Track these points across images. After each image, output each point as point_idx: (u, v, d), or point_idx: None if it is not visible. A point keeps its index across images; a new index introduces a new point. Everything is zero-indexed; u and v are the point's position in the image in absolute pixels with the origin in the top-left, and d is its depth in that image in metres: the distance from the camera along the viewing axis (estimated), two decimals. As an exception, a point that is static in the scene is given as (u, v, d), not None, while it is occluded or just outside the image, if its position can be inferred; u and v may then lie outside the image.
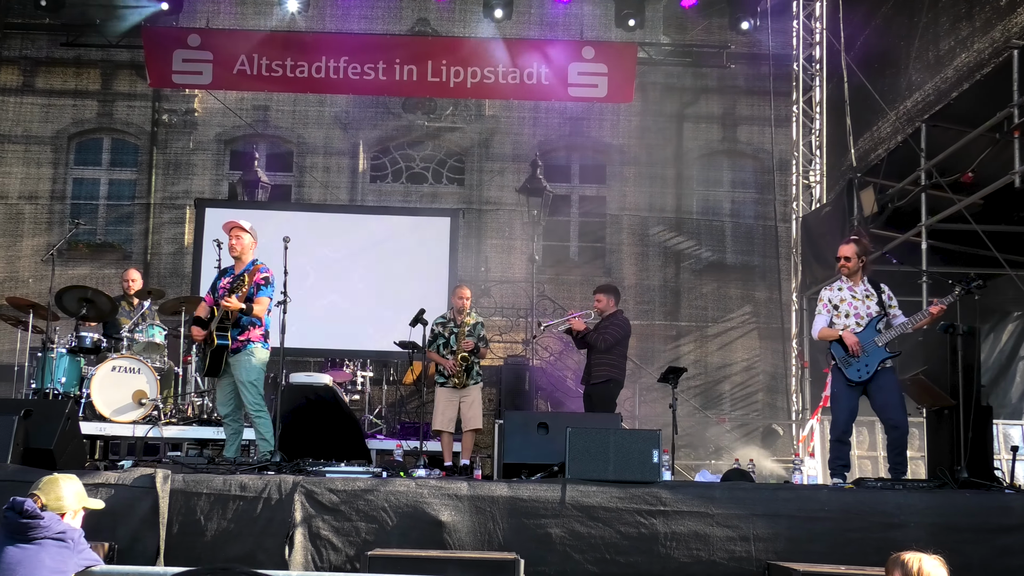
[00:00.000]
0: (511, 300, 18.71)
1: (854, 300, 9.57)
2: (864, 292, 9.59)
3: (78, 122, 19.76)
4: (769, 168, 18.53)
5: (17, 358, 13.96)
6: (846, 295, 9.61)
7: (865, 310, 9.51)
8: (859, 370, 9.36)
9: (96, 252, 19.22)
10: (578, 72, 17.56)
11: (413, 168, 20.13)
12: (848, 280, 9.67)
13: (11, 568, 5.39)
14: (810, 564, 7.23)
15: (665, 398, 12.31)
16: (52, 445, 8.50)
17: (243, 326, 9.66)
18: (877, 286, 9.64)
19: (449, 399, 11.55)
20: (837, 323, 9.55)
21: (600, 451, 8.34)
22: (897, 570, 4.40)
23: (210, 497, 7.86)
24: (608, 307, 11.91)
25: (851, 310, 9.54)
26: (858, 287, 9.62)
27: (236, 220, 10.09)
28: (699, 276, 19.72)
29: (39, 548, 5.44)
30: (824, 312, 9.64)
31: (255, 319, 9.70)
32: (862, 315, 9.50)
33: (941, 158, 12.22)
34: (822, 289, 9.92)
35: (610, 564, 7.79)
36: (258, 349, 9.75)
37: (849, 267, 9.62)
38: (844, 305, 9.57)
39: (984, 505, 8.10)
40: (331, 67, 17.39)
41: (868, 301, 9.54)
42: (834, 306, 9.61)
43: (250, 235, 10.00)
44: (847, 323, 9.50)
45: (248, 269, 9.76)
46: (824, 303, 9.67)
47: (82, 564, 5.59)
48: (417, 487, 8.01)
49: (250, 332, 9.69)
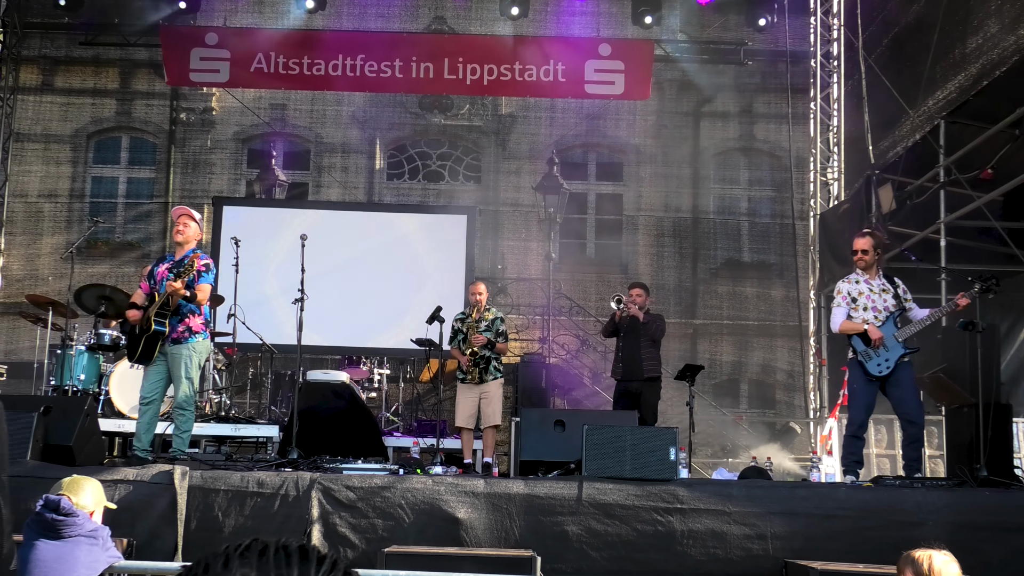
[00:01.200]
0: (527, 298, 18.71)
1: (871, 293, 9.50)
2: (880, 286, 9.55)
3: (97, 121, 19.85)
4: (786, 165, 18.48)
5: (37, 355, 14.03)
6: (863, 288, 9.54)
7: (883, 304, 9.46)
8: (879, 364, 9.28)
9: (115, 250, 19.30)
10: (595, 69, 17.52)
11: (430, 166, 20.15)
12: (864, 273, 9.61)
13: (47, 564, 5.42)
14: (828, 562, 7.21)
15: (682, 396, 12.30)
16: (71, 442, 8.55)
17: (183, 314, 9.30)
18: (892, 280, 9.62)
19: (469, 395, 11.54)
20: (855, 316, 9.48)
21: (617, 449, 8.34)
22: (909, 568, 4.38)
23: (228, 494, 7.89)
24: (646, 303, 11.94)
25: (869, 303, 9.48)
26: (875, 281, 9.58)
27: (186, 209, 9.92)
28: (715, 274, 19.70)
29: (73, 545, 5.47)
30: (843, 304, 9.56)
31: (194, 307, 9.49)
32: (880, 309, 9.44)
33: (960, 155, 12.17)
34: (839, 282, 9.86)
35: (627, 561, 7.78)
36: (199, 342, 9.43)
37: (866, 260, 9.57)
38: (862, 298, 9.50)
39: (1003, 503, 8.07)
40: (348, 65, 17.38)
41: (885, 295, 9.50)
42: (852, 299, 9.54)
43: (197, 225, 9.80)
44: (865, 316, 9.43)
45: (188, 256, 9.57)
46: (843, 295, 9.59)
47: (109, 561, 5.63)
48: (434, 484, 8.02)
49: (190, 320, 9.32)
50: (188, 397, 9.34)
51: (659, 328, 11.79)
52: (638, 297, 11.88)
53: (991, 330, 9.58)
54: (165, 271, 9.45)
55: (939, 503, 8.04)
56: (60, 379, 11.81)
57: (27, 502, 7.65)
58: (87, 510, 5.73)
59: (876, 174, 13.97)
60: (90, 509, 5.78)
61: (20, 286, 18.15)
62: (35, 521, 5.52)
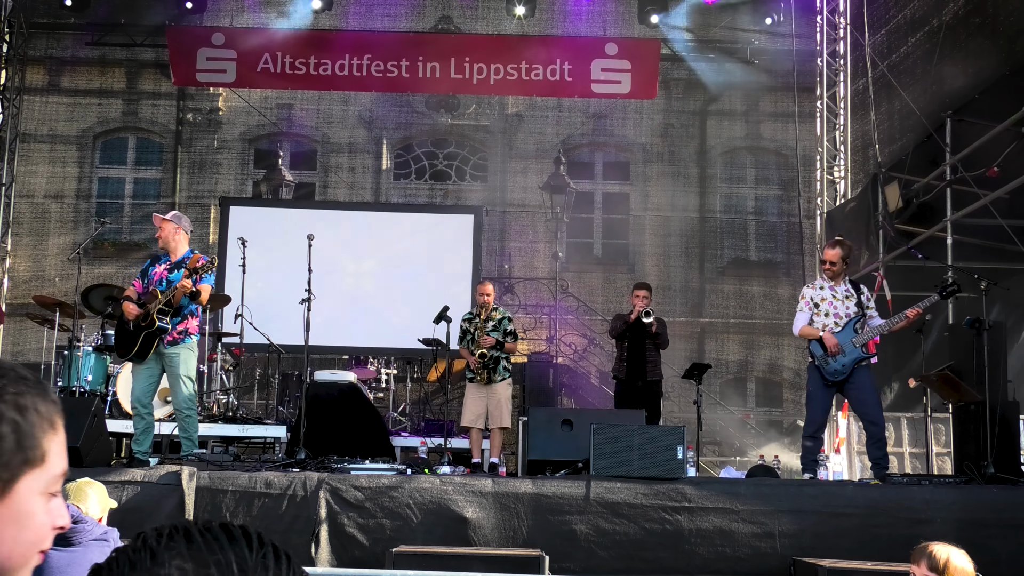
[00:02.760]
0: (534, 297, 18.72)
1: (834, 300, 9.77)
2: (845, 292, 9.81)
3: (103, 121, 19.87)
4: (793, 164, 18.45)
5: (44, 356, 14.05)
6: (827, 294, 9.80)
7: (844, 310, 9.71)
8: (836, 369, 9.54)
9: (122, 251, 19.32)
10: (601, 68, 17.51)
11: (437, 166, 20.16)
12: (830, 280, 9.87)
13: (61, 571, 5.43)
14: (836, 560, 7.22)
15: (689, 395, 12.31)
16: (78, 443, 8.55)
17: (184, 315, 9.38)
18: (857, 287, 9.90)
19: (477, 396, 11.52)
20: (817, 321, 9.75)
21: (624, 447, 8.34)
22: (924, 560, 4.39)
23: (236, 494, 7.91)
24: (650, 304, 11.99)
25: (831, 309, 9.73)
26: (839, 287, 9.83)
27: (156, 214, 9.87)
28: (722, 273, 19.68)
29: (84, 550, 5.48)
30: (806, 310, 9.84)
31: (194, 307, 9.54)
32: (841, 315, 9.69)
33: (966, 153, 12.15)
34: (804, 287, 10.18)
35: (635, 560, 7.78)
36: (195, 342, 9.54)
37: (834, 271, 9.83)
38: (824, 304, 9.77)
39: (1011, 500, 8.07)
40: (354, 65, 17.39)
41: (848, 302, 9.75)
42: (815, 304, 9.81)
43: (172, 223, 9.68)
44: (826, 322, 9.68)
45: (189, 256, 9.60)
46: (806, 300, 9.87)
47: None
48: (442, 484, 8.02)
49: (188, 322, 9.40)
50: (190, 397, 9.39)
51: (666, 338, 11.94)
52: (644, 299, 11.91)
53: (998, 327, 9.60)
54: (164, 271, 9.48)
55: (947, 500, 8.04)
56: (67, 380, 11.82)
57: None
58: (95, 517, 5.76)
59: (883, 172, 13.96)
60: (98, 516, 5.81)
61: (27, 287, 18.17)
62: None
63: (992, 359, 9.31)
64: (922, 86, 13.94)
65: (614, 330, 12.19)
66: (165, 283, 9.37)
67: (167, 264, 9.54)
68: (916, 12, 14.72)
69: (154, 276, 9.50)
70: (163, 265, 9.55)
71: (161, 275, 9.47)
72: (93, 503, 5.76)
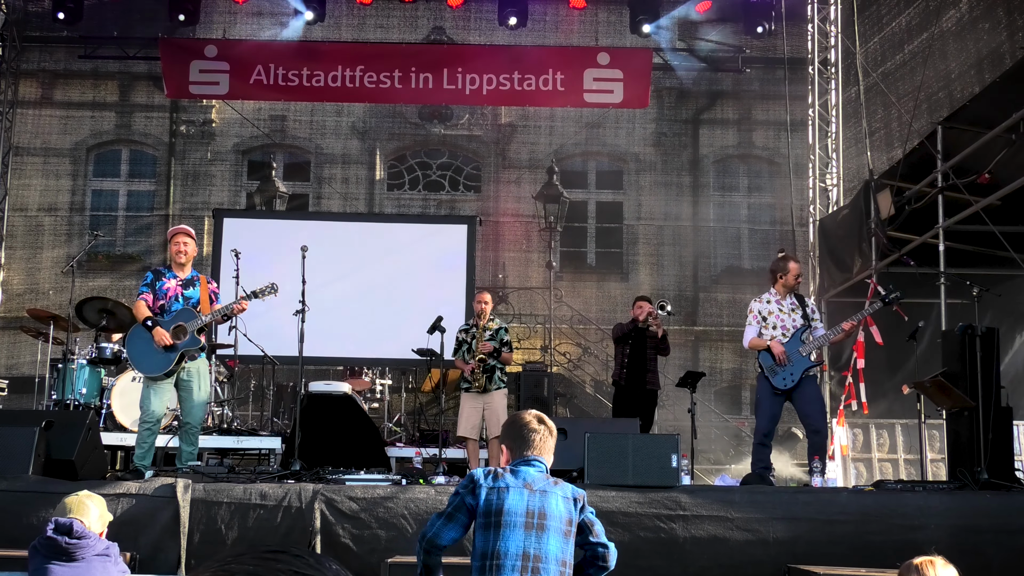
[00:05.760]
0: (528, 307, 18.73)
1: (781, 313, 10.23)
2: (791, 305, 10.27)
3: (96, 134, 19.86)
4: (785, 172, 18.48)
5: (38, 369, 14.04)
6: (774, 308, 10.27)
7: (791, 322, 10.16)
8: (784, 379, 9.97)
9: (116, 263, 19.31)
10: (593, 78, 17.53)
11: (430, 176, 20.17)
12: (777, 293, 10.31)
13: None
14: (830, 567, 7.23)
15: (683, 403, 12.34)
16: (73, 456, 8.56)
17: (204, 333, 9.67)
18: (802, 300, 10.34)
19: (473, 405, 11.54)
20: (765, 334, 10.16)
21: (619, 456, 8.36)
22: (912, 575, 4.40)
23: (231, 506, 7.91)
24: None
25: (778, 322, 10.17)
26: (785, 300, 10.28)
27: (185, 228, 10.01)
28: (716, 281, 19.69)
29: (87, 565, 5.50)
30: (754, 323, 10.30)
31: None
32: (788, 327, 10.15)
33: (958, 160, 12.19)
34: (752, 301, 10.54)
35: (630, 568, 7.78)
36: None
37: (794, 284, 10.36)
38: (772, 317, 10.22)
39: (1005, 506, 8.10)
40: (347, 76, 17.41)
41: (794, 314, 10.20)
42: (763, 317, 10.25)
43: (194, 242, 9.91)
44: (774, 334, 10.11)
45: (196, 275, 9.74)
46: (755, 314, 10.33)
47: None
48: (436, 494, 8.04)
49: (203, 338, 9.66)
50: (203, 416, 9.57)
51: (667, 347, 12.09)
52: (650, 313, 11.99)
53: (990, 333, 9.63)
54: (179, 288, 9.52)
55: (941, 507, 8.07)
56: (61, 393, 11.82)
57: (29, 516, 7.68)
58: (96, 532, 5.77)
59: (875, 180, 14.00)
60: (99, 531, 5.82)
61: (21, 300, 18.16)
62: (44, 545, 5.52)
63: (985, 365, 9.36)
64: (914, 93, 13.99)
65: (618, 330, 12.24)
66: (181, 300, 9.46)
67: (178, 280, 9.60)
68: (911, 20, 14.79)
69: (168, 292, 9.55)
70: (174, 280, 9.60)
71: (176, 292, 9.54)
72: (94, 517, 5.77)
